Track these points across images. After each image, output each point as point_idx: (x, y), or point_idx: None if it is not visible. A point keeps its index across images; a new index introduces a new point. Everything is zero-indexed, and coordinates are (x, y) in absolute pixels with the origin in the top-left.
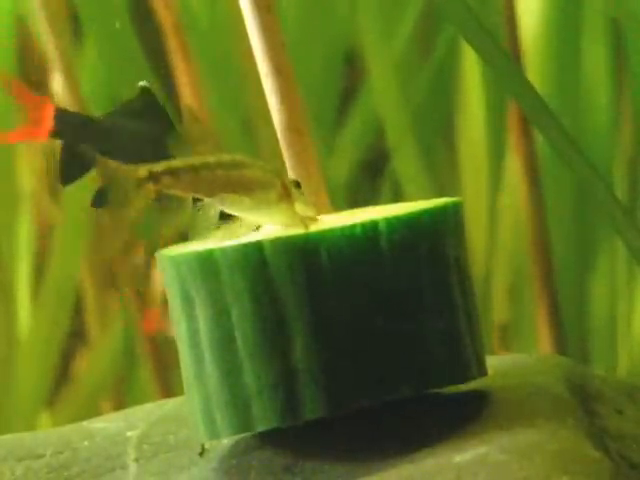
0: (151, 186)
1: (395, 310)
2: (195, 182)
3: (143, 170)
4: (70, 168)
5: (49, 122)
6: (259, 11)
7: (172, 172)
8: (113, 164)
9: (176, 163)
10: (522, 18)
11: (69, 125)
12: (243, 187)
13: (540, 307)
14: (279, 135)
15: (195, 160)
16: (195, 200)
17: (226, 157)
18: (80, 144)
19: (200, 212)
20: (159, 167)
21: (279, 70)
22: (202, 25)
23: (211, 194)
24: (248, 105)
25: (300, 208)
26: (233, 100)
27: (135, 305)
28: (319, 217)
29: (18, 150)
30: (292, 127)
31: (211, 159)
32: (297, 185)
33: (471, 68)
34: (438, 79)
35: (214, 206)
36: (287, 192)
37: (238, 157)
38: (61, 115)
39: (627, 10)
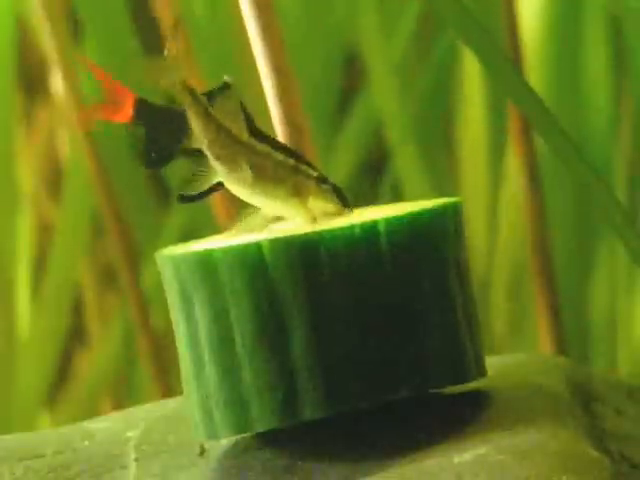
0: (187, 95)
1: (394, 310)
2: (213, 136)
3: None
4: (155, 154)
5: (129, 110)
6: (259, 11)
7: (205, 111)
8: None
9: (211, 110)
10: (522, 20)
11: (148, 115)
12: (253, 170)
13: (540, 307)
14: (279, 135)
15: (224, 122)
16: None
17: (248, 140)
18: (159, 133)
19: (199, 170)
20: (202, 100)
21: (279, 70)
22: (202, 25)
23: (219, 158)
24: (248, 105)
25: (321, 205)
26: None
27: (135, 305)
28: (347, 212)
29: (18, 150)
30: (292, 127)
31: (235, 131)
32: (323, 181)
33: (471, 68)
34: (438, 79)
35: (216, 173)
36: (298, 190)
37: (260, 144)
38: (141, 105)
39: (627, 9)
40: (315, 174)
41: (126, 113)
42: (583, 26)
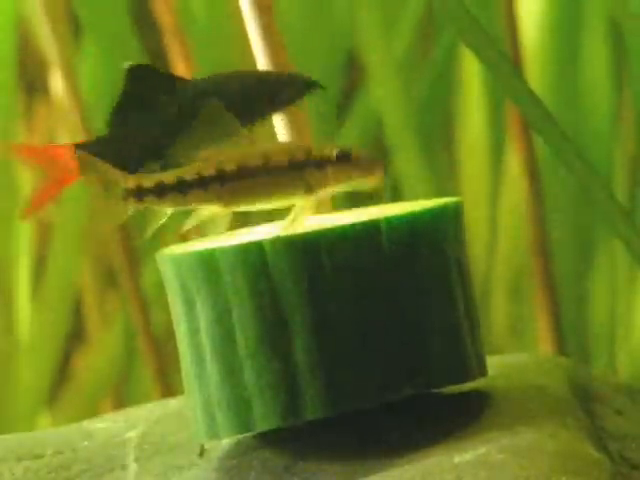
0: (132, 202)
1: (395, 310)
2: (182, 201)
3: (132, 181)
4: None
5: (73, 162)
6: (259, 11)
7: (159, 190)
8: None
9: (166, 177)
10: (522, 21)
11: (94, 152)
12: (262, 193)
13: (540, 307)
14: (279, 136)
15: (190, 173)
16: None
17: (238, 167)
18: (112, 160)
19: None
20: (148, 181)
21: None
22: (202, 25)
23: (211, 202)
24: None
25: (348, 184)
26: None
27: (135, 305)
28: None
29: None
30: (292, 127)
31: (214, 167)
32: (345, 157)
33: (471, 68)
34: (438, 79)
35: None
36: (311, 187)
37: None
38: (81, 148)
39: (627, 11)
40: (334, 152)
41: (72, 171)
42: (583, 28)
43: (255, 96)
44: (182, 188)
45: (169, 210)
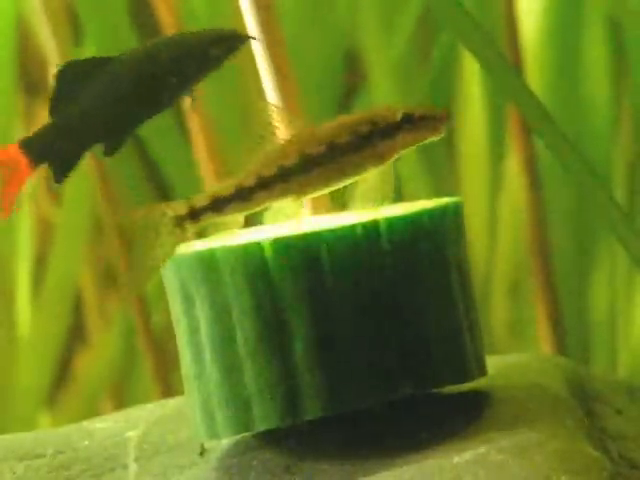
0: (189, 225)
1: (395, 310)
2: (245, 207)
3: (182, 207)
4: (60, 169)
5: (23, 158)
6: (259, 10)
7: (215, 205)
8: (145, 211)
9: (223, 190)
10: (522, 21)
11: (39, 145)
12: (331, 177)
13: (540, 307)
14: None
15: (248, 180)
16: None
17: (300, 159)
18: (62, 153)
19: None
20: (202, 201)
21: (279, 70)
22: (202, 25)
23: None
24: (247, 105)
25: (419, 141)
26: (232, 99)
27: (135, 305)
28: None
29: None
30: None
31: (272, 167)
32: (408, 120)
33: (471, 68)
34: (438, 79)
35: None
36: (381, 157)
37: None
38: (26, 143)
39: (627, 12)
40: (399, 116)
41: (23, 168)
42: (583, 29)
43: (187, 58)
44: (243, 195)
45: (241, 217)
